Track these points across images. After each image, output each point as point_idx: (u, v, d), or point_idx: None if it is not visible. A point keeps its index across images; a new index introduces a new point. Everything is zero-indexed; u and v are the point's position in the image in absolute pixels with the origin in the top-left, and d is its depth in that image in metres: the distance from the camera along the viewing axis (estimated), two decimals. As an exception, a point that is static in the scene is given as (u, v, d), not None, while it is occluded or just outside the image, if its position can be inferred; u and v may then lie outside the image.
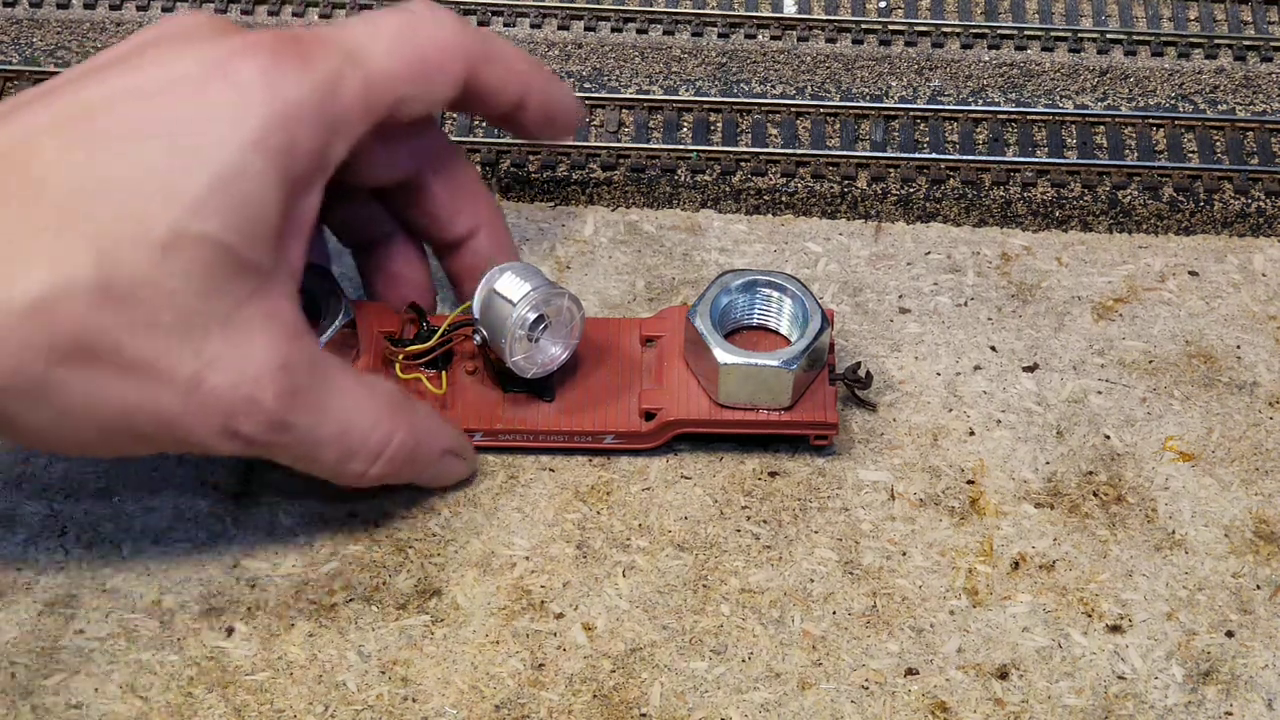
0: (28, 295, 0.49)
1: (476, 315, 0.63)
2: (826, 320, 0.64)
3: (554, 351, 0.63)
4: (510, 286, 0.62)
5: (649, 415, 0.64)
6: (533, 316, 0.62)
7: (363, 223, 0.66)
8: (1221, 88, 0.86)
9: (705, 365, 0.64)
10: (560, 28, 0.88)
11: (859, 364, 0.66)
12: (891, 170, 0.80)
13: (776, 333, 0.66)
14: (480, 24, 0.88)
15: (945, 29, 0.88)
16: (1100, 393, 0.69)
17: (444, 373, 0.65)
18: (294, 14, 0.87)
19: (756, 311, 0.66)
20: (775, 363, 0.63)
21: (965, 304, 0.73)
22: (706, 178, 0.80)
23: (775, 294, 0.66)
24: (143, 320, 0.51)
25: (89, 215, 0.50)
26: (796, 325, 0.65)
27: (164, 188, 0.51)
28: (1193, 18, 0.89)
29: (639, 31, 0.88)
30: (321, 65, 0.55)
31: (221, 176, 0.52)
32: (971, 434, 0.67)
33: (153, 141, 0.52)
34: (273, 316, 0.54)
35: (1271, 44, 0.87)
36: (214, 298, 0.52)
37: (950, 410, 0.68)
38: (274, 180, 0.53)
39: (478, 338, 0.63)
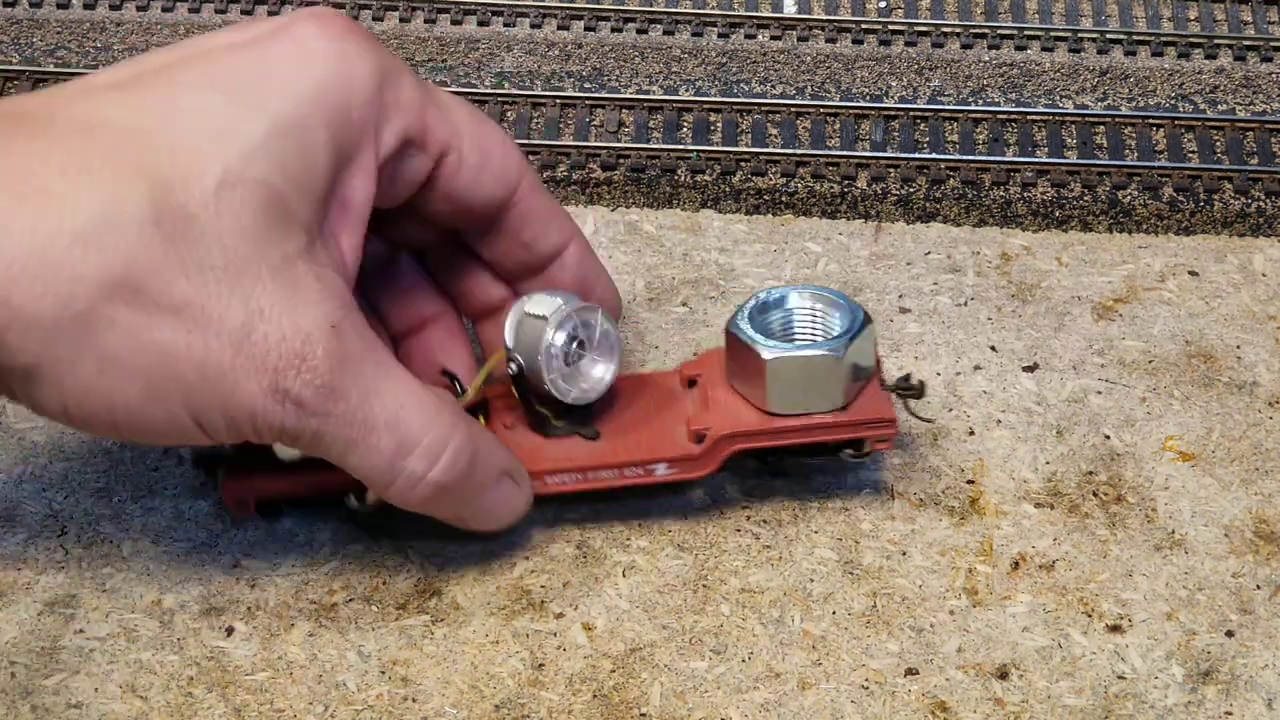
0: (77, 222, 0.49)
1: (510, 344, 0.60)
2: (868, 317, 0.62)
3: (597, 373, 0.60)
4: (540, 304, 0.60)
5: (699, 438, 0.61)
6: (565, 332, 0.59)
7: (411, 304, 0.64)
8: (1221, 88, 0.86)
9: (752, 371, 0.60)
10: (560, 28, 0.88)
11: (909, 375, 0.63)
12: (891, 170, 0.80)
13: None
14: (480, 24, 0.88)
15: (945, 29, 0.88)
16: (1100, 392, 0.69)
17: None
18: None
19: (795, 325, 0.63)
20: (823, 350, 0.60)
21: (965, 304, 0.73)
22: (706, 178, 0.80)
23: (815, 305, 0.63)
24: (193, 259, 0.50)
25: (145, 153, 0.51)
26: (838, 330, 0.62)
27: (221, 132, 0.52)
28: (1193, 18, 0.89)
29: (639, 31, 0.88)
30: (387, 56, 0.56)
31: (278, 125, 0.52)
32: (971, 434, 0.67)
33: (213, 91, 0.53)
34: (323, 280, 0.53)
35: (1271, 44, 0.87)
36: (264, 245, 0.52)
37: (950, 410, 0.68)
38: (325, 139, 0.53)
39: (513, 366, 0.59)
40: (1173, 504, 0.65)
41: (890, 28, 0.88)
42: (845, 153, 0.81)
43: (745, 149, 0.81)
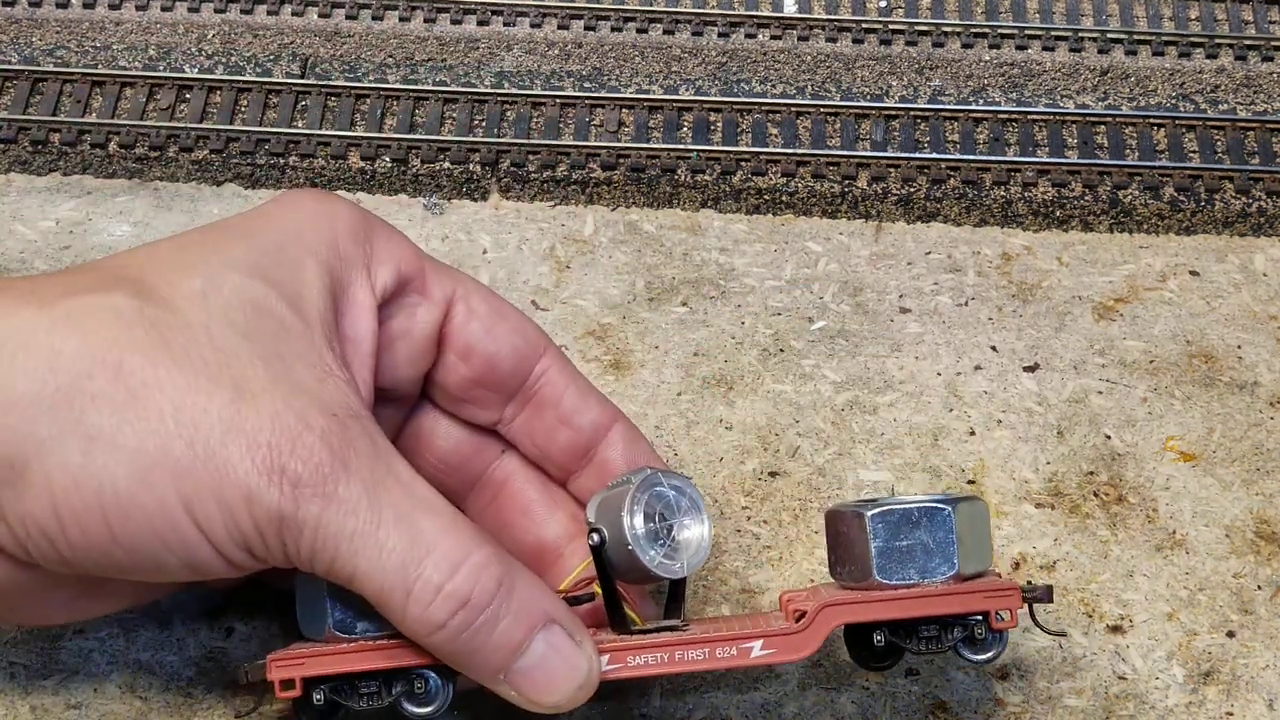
0: (56, 311, 0.49)
1: (591, 520, 0.53)
2: (981, 499, 0.55)
3: (695, 531, 0.53)
4: (614, 485, 0.54)
5: (799, 616, 0.52)
6: (641, 511, 0.52)
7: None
8: (1222, 87, 0.86)
9: (852, 540, 0.53)
10: (560, 27, 0.88)
11: (1029, 582, 0.55)
12: (892, 170, 0.80)
13: None
14: (480, 23, 0.88)
15: (946, 28, 0.88)
16: (1101, 393, 0.69)
17: None
18: (294, 13, 0.87)
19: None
20: (930, 501, 0.53)
21: (966, 304, 0.73)
22: (706, 177, 0.80)
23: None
24: (179, 345, 0.50)
25: (129, 272, 0.52)
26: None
27: (204, 251, 0.52)
28: (1194, 17, 0.89)
29: (639, 31, 0.88)
30: (378, 218, 0.56)
31: (263, 248, 0.53)
32: (972, 434, 0.67)
33: (203, 232, 0.54)
34: (325, 381, 0.51)
35: (1272, 43, 0.87)
36: (256, 341, 0.50)
37: (951, 410, 0.68)
38: (313, 265, 0.53)
39: (595, 537, 0.52)
40: (1174, 504, 0.65)
41: (891, 27, 0.88)
42: (846, 152, 0.81)
43: (745, 149, 0.81)
